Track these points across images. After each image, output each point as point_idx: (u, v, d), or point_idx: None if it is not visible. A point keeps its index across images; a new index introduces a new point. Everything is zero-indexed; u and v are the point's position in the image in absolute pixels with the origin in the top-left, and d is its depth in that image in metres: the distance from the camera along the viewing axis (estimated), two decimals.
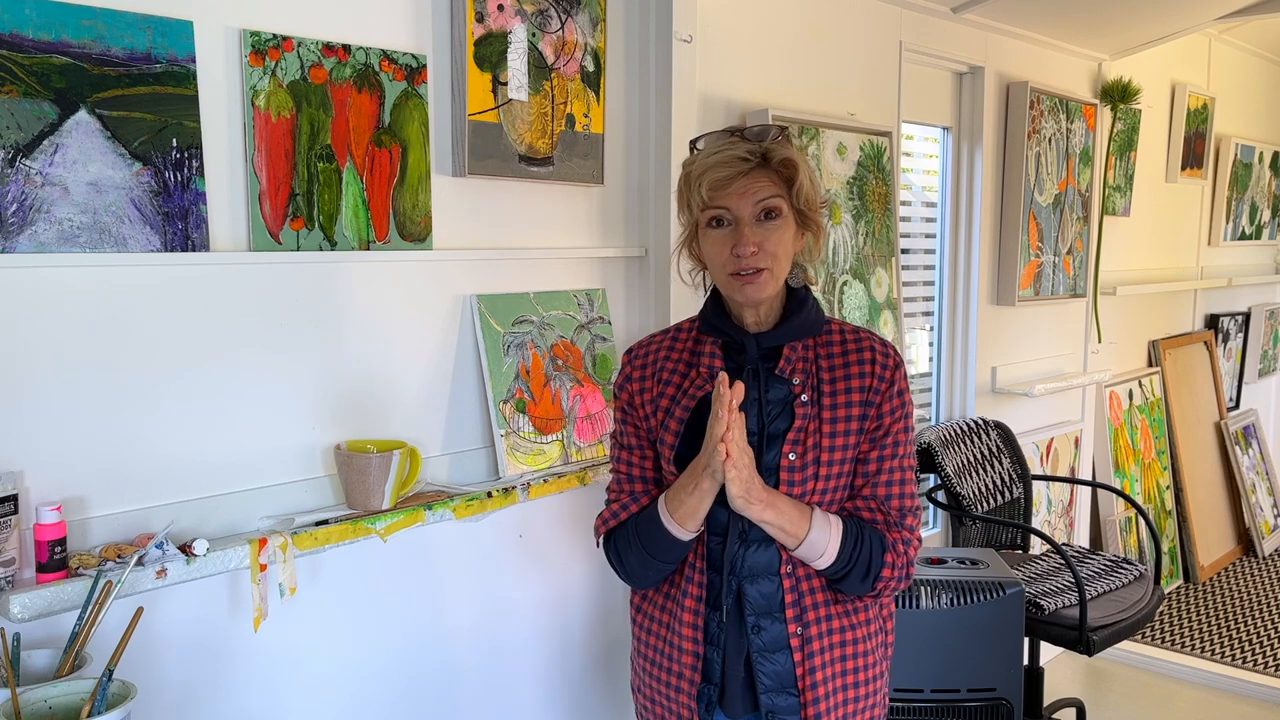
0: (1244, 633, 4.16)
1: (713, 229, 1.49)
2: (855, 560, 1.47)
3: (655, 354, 1.61)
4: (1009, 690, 2.46)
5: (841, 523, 1.48)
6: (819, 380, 1.52)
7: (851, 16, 2.85)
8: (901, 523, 1.52)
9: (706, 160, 1.47)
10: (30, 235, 1.46)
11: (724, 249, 1.47)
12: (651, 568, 1.55)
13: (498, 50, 1.99)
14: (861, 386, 1.51)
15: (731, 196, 1.45)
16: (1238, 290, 5.36)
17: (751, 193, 1.46)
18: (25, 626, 1.48)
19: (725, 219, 1.47)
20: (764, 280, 1.47)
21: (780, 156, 1.47)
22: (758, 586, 1.51)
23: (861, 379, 1.51)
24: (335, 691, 1.89)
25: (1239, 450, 5.18)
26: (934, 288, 3.47)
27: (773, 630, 1.51)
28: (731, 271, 1.47)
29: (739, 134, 1.49)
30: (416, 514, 1.88)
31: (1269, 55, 5.38)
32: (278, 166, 1.71)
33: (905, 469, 1.53)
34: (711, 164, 1.45)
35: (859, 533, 1.48)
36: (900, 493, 1.53)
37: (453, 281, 2.02)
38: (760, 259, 1.46)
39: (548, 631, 2.24)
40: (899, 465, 1.53)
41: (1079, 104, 3.75)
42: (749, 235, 1.45)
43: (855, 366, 1.52)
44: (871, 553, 1.48)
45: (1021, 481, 3.42)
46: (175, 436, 1.65)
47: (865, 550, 1.47)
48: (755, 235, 1.45)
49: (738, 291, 1.48)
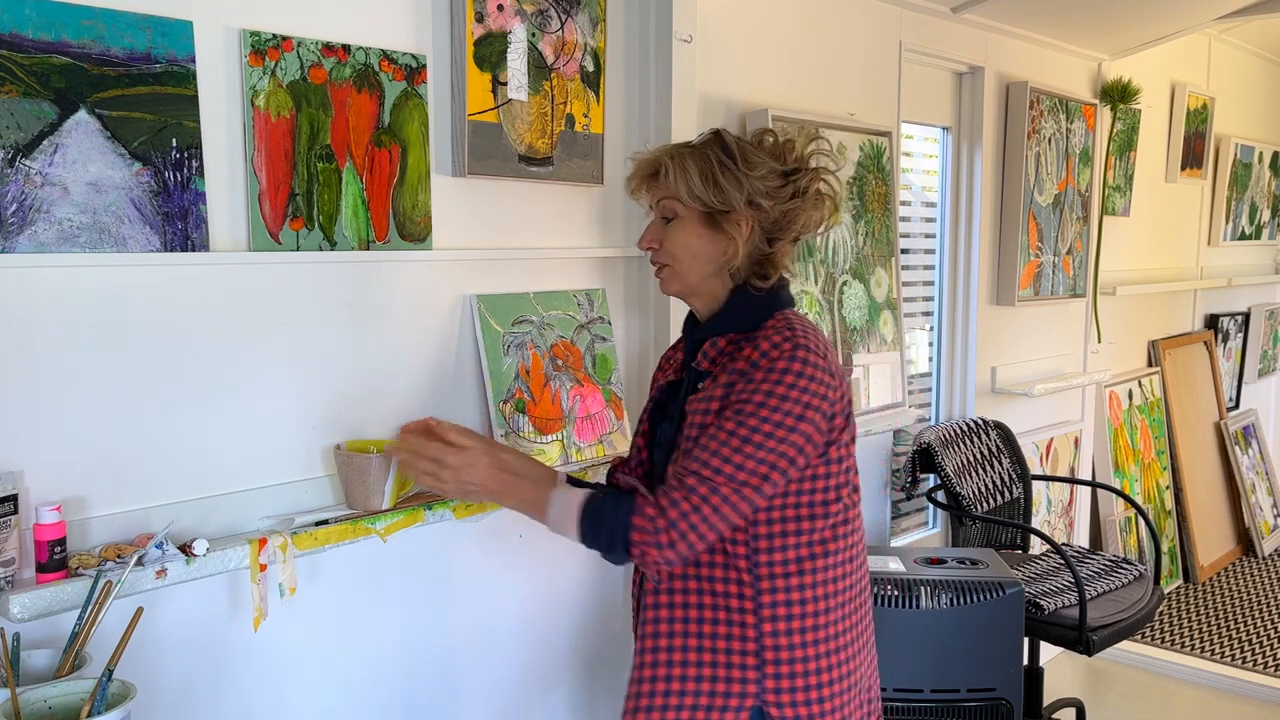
0: (1244, 633, 4.17)
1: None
2: (597, 534, 1.50)
3: (668, 351, 1.78)
4: (1009, 690, 2.46)
5: (584, 499, 1.51)
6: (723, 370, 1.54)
7: (851, 16, 2.85)
8: (682, 484, 1.45)
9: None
10: (30, 235, 1.46)
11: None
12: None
13: (498, 50, 1.99)
14: (732, 370, 1.51)
15: (645, 199, 1.63)
16: (1237, 290, 5.36)
17: (651, 193, 1.61)
18: (25, 626, 1.48)
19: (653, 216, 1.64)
20: (667, 276, 1.60)
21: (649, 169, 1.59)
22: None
23: (735, 363, 1.51)
24: (335, 691, 1.89)
25: (1239, 450, 5.18)
26: (934, 288, 3.47)
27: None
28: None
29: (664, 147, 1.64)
30: (416, 514, 1.88)
31: (1269, 55, 5.38)
32: (277, 166, 1.71)
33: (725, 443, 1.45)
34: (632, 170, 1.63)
35: (599, 507, 1.50)
36: (701, 458, 1.45)
37: (453, 281, 2.02)
38: (660, 256, 1.60)
39: (548, 631, 2.24)
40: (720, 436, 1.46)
41: (1079, 104, 3.75)
42: (647, 233, 1.61)
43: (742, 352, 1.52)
44: (615, 524, 1.47)
45: (1021, 481, 3.42)
46: (175, 436, 1.65)
47: (606, 524, 1.48)
48: (653, 233, 1.60)
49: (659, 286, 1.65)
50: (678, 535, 1.44)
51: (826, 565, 1.54)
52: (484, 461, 1.56)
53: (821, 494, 1.53)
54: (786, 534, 1.52)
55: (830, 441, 1.52)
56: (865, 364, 2.83)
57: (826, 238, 2.71)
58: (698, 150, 1.55)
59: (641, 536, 1.45)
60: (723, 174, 1.52)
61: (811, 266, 2.66)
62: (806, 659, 1.53)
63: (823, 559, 1.53)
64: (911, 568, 2.54)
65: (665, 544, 1.44)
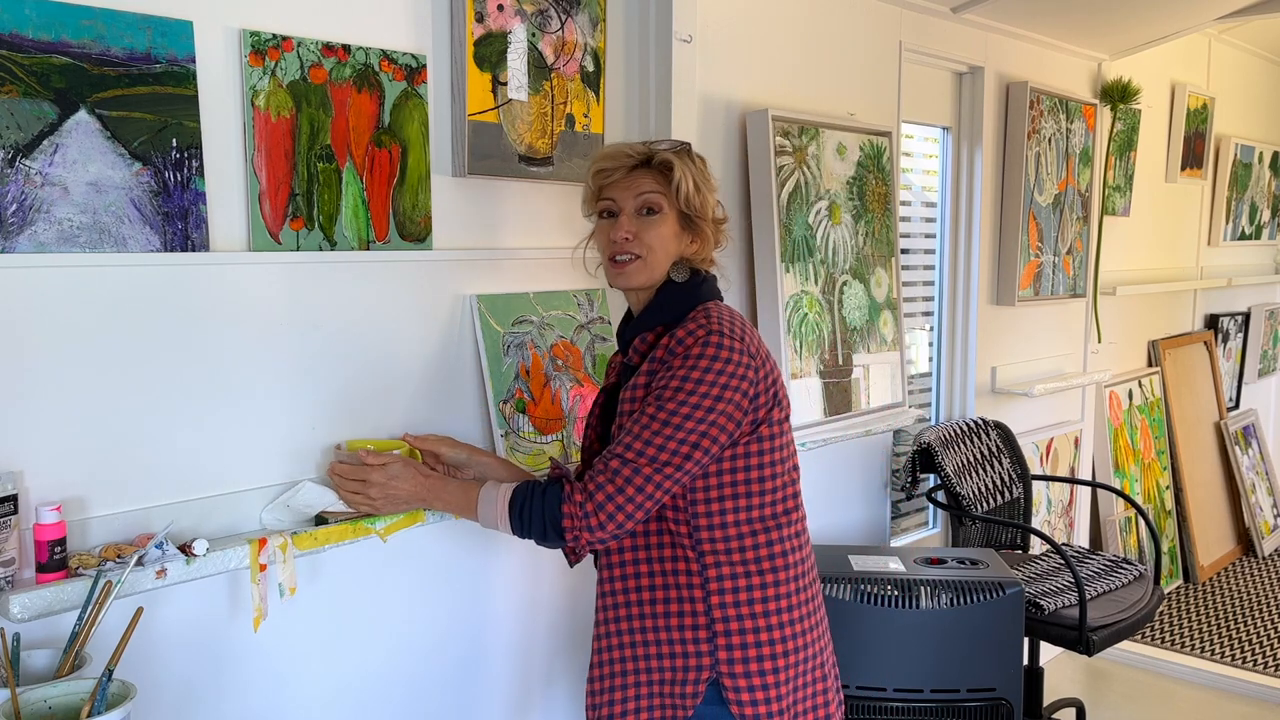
0: (1244, 633, 4.17)
1: (602, 220, 1.69)
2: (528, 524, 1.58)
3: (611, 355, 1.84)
4: (1009, 690, 2.46)
5: (511, 493, 1.60)
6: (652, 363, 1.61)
7: (851, 16, 2.85)
8: (606, 468, 1.53)
9: (597, 156, 1.69)
10: (30, 235, 1.46)
11: (604, 237, 1.67)
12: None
13: (498, 50, 1.99)
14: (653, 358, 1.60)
15: (617, 189, 1.65)
16: (1237, 290, 5.36)
17: (634, 187, 1.64)
18: (25, 626, 1.48)
19: (613, 210, 1.66)
20: (635, 268, 1.63)
21: (661, 158, 1.64)
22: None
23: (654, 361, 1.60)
24: (335, 691, 1.89)
25: (1239, 450, 5.18)
26: (934, 288, 3.47)
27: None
28: (609, 256, 1.65)
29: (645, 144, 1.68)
30: (416, 514, 1.87)
31: (1269, 55, 5.38)
32: (277, 166, 1.71)
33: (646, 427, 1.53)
34: (600, 158, 1.67)
35: (527, 498, 1.58)
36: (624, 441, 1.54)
37: (453, 281, 2.02)
38: (634, 246, 1.63)
39: (548, 630, 2.24)
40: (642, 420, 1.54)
41: (1079, 104, 3.75)
42: (625, 223, 1.63)
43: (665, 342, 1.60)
44: (544, 513, 1.56)
45: (1021, 481, 3.42)
46: (175, 436, 1.65)
47: (536, 513, 1.57)
48: (632, 224, 1.63)
49: (613, 278, 1.67)
50: (605, 517, 1.53)
51: (770, 540, 1.61)
52: (408, 472, 1.67)
53: (757, 470, 1.60)
54: (725, 510, 1.59)
55: (758, 421, 1.59)
56: (865, 364, 2.83)
57: (826, 238, 2.71)
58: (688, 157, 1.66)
59: (571, 522, 1.54)
60: (704, 185, 1.67)
61: (811, 266, 2.66)
62: (757, 629, 1.60)
63: (764, 534, 1.61)
64: (911, 568, 2.54)
65: (595, 526, 1.53)
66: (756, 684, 1.59)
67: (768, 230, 2.53)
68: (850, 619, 2.37)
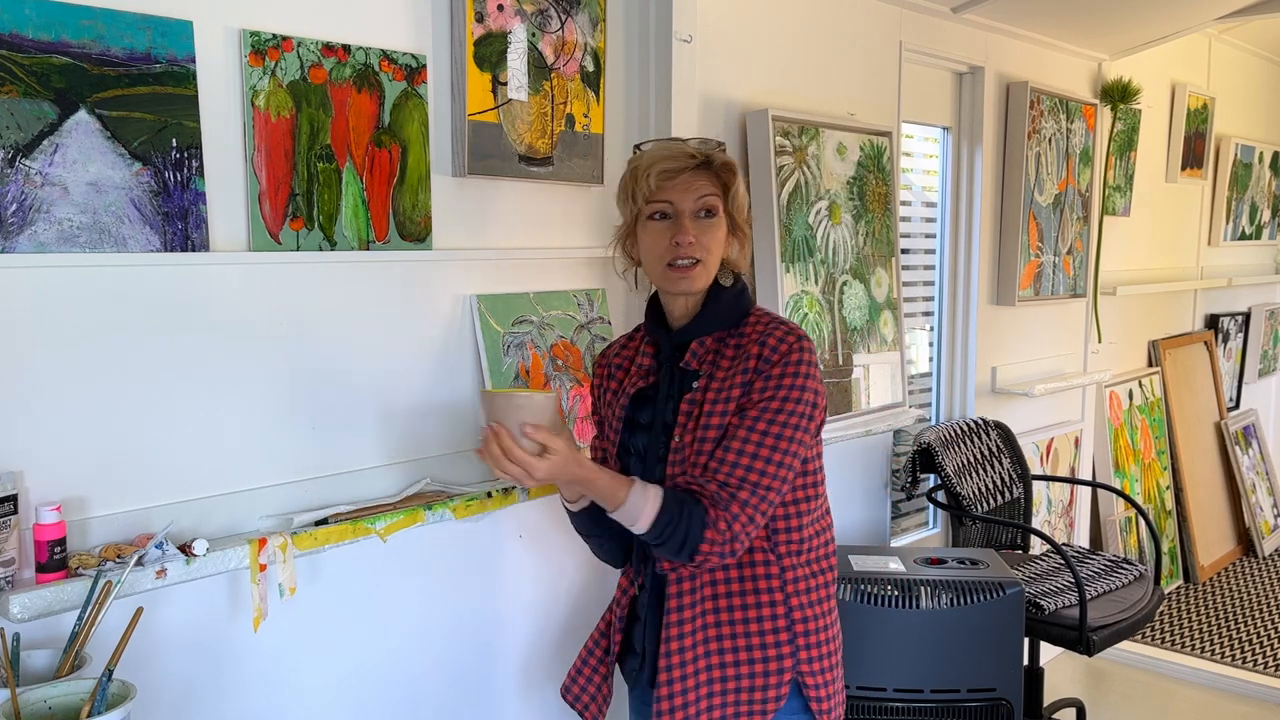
0: (1244, 633, 4.16)
1: (654, 221, 1.59)
2: (670, 534, 1.51)
3: (613, 356, 1.78)
4: (1009, 690, 2.46)
5: (663, 497, 1.52)
6: (717, 370, 1.60)
7: (851, 16, 2.85)
8: (726, 502, 1.51)
9: (655, 154, 1.59)
10: (30, 235, 1.46)
11: (663, 240, 1.58)
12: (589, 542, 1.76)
13: (498, 50, 1.99)
14: (744, 369, 1.57)
15: (676, 190, 1.57)
16: (1238, 290, 5.36)
17: (694, 189, 1.58)
18: (25, 626, 1.48)
19: (667, 212, 1.58)
20: (698, 272, 1.58)
21: (722, 160, 1.60)
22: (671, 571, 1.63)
23: (746, 360, 1.58)
24: (335, 691, 1.89)
25: (1239, 450, 5.18)
26: (934, 288, 3.47)
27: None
28: (668, 262, 1.58)
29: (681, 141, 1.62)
30: (416, 514, 1.88)
31: (1269, 55, 5.38)
32: (278, 166, 1.71)
33: (761, 446, 1.53)
34: (660, 157, 1.58)
35: (679, 509, 1.51)
36: (743, 465, 1.53)
37: (453, 281, 2.02)
38: (696, 250, 1.57)
39: (547, 632, 2.24)
40: (753, 439, 1.53)
41: (1079, 104, 3.75)
42: (689, 226, 1.57)
43: (743, 350, 1.59)
44: (689, 530, 1.51)
45: (1021, 481, 3.42)
46: (175, 436, 1.65)
47: (683, 527, 1.51)
48: (695, 228, 1.57)
49: (673, 283, 1.60)
50: (739, 545, 1.54)
51: (825, 540, 1.67)
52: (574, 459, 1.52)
53: (813, 474, 1.63)
54: (800, 512, 1.62)
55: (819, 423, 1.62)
56: (865, 364, 2.83)
57: (827, 238, 2.71)
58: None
59: (710, 548, 1.52)
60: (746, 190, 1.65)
61: (811, 266, 2.66)
62: (824, 628, 1.63)
63: (822, 534, 1.66)
64: (911, 568, 2.54)
65: (727, 554, 1.53)
66: (830, 679, 1.63)
67: (768, 230, 2.53)
68: (850, 619, 2.37)
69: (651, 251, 1.60)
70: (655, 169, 1.56)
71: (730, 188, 1.59)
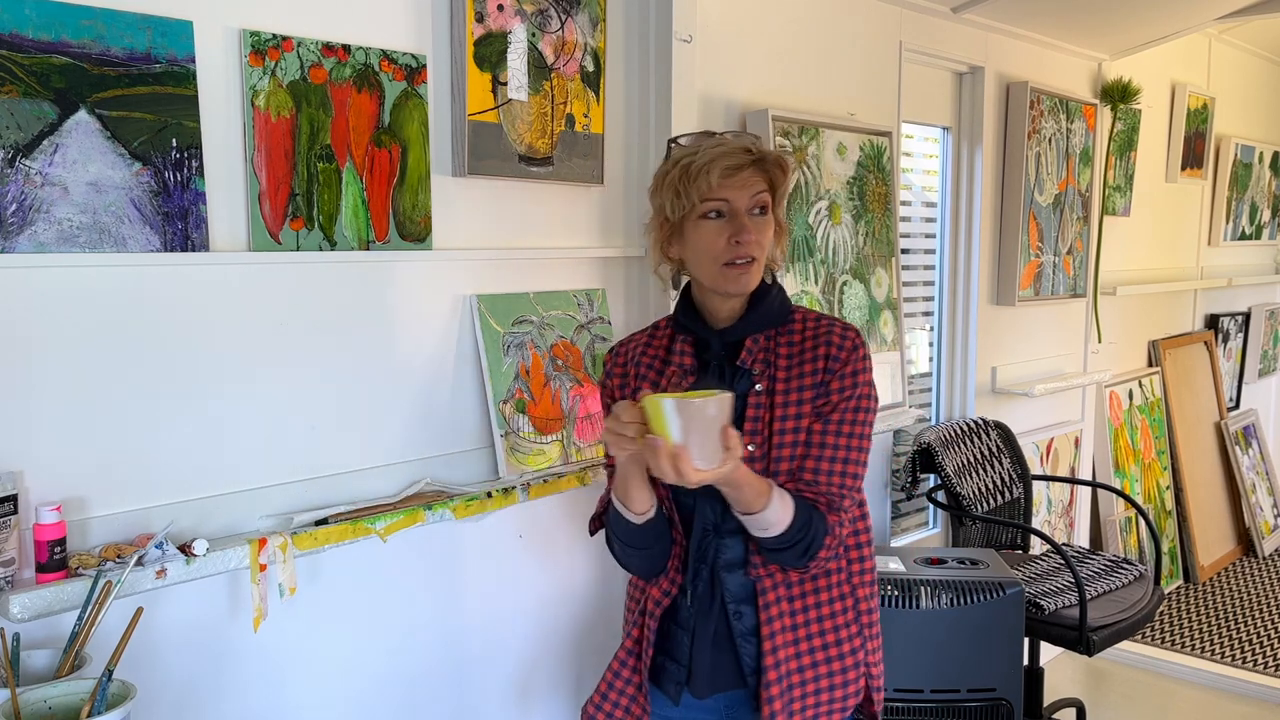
0: (1244, 633, 4.16)
1: (709, 220, 1.52)
2: (798, 540, 1.49)
3: (633, 351, 1.67)
4: (1009, 690, 2.46)
5: (794, 502, 1.49)
6: (775, 370, 1.57)
7: (851, 16, 2.85)
8: (840, 506, 1.53)
9: (713, 151, 1.50)
10: (30, 235, 1.46)
11: (719, 239, 1.52)
12: (631, 555, 1.61)
13: (498, 50, 1.99)
14: (814, 370, 1.55)
15: (733, 187, 1.51)
16: (1238, 290, 5.36)
17: (750, 186, 1.52)
18: (25, 626, 1.48)
19: (723, 210, 1.52)
20: (754, 271, 1.54)
21: (775, 157, 1.55)
22: (734, 575, 1.58)
23: (815, 363, 1.56)
24: (335, 691, 1.89)
25: (1239, 450, 5.18)
26: (934, 288, 3.47)
27: (750, 616, 1.58)
28: (726, 261, 1.52)
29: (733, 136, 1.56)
30: (416, 514, 1.88)
31: (1269, 55, 5.38)
32: (277, 166, 1.71)
33: (850, 449, 1.54)
34: (719, 154, 1.50)
35: (808, 516, 1.50)
36: (841, 470, 1.53)
37: (453, 281, 2.02)
38: (753, 248, 1.52)
39: (547, 631, 2.24)
40: (843, 444, 1.54)
41: (1079, 104, 3.75)
42: (749, 224, 1.51)
43: (810, 352, 1.57)
44: (815, 536, 1.51)
45: (1021, 481, 3.42)
46: (175, 436, 1.65)
47: (810, 534, 1.50)
48: (757, 227, 1.52)
49: (730, 282, 1.53)
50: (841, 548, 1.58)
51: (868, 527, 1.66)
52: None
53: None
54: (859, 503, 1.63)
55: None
56: None
57: (827, 238, 2.71)
58: None
59: (825, 554, 1.53)
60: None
61: (811, 266, 2.66)
62: (878, 620, 1.67)
63: (869, 526, 1.66)
64: (911, 568, 2.54)
65: (833, 557, 1.57)
66: (883, 668, 1.67)
67: None
68: None
69: (707, 251, 1.53)
70: (717, 166, 1.49)
71: (779, 186, 1.55)
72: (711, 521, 1.57)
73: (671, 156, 1.56)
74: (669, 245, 1.59)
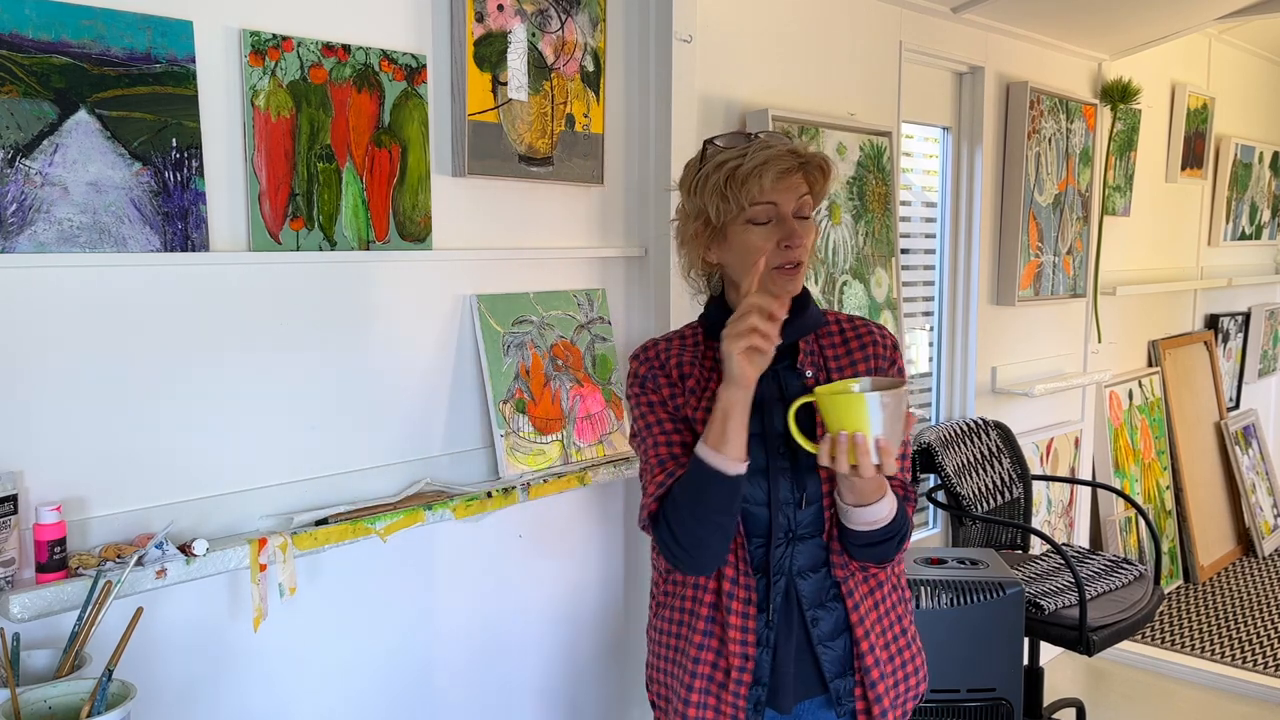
0: (1244, 633, 4.16)
1: (756, 225, 1.48)
2: (900, 529, 1.51)
3: (664, 352, 1.60)
4: (1009, 690, 2.46)
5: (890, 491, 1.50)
6: (828, 371, 1.58)
7: (851, 16, 2.85)
8: (913, 492, 1.59)
9: (764, 154, 1.46)
10: (30, 235, 1.46)
11: (768, 244, 1.47)
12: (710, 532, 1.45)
13: (498, 50, 1.99)
14: (868, 370, 1.57)
15: (782, 191, 1.47)
16: (1238, 290, 5.36)
17: (796, 189, 1.49)
18: (25, 626, 1.48)
19: (770, 215, 1.48)
20: (801, 275, 1.52)
21: (819, 160, 1.51)
22: (808, 581, 1.55)
23: (867, 362, 1.58)
24: (335, 691, 1.89)
25: (1239, 450, 5.18)
26: (934, 288, 3.47)
27: (829, 619, 1.56)
28: (776, 265, 1.48)
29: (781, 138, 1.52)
30: (416, 514, 1.88)
31: (1269, 55, 5.38)
32: (277, 166, 1.71)
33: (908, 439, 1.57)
34: (767, 158, 1.45)
35: (901, 505, 1.52)
36: (905, 456, 1.56)
37: (453, 281, 2.02)
38: (801, 254, 1.50)
39: (547, 631, 2.24)
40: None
41: (1079, 104, 3.75)
42: (797, 228, 1.48)
43: (859, 352, 1.58)
44: (906, 523, 1.54)
45: (1021, 481, 3.42)
46: (175, 436, 1.65)
47: (904, 520, 1.52)
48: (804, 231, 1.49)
49: (780, 287, 1.50)
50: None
51: None
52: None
53: None
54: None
55: None
56: None
57: (827, 238, 2.71)
58: None
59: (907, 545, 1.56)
60: None
61: (812, 267, 2.65)
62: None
63: None
64: (911, 568, 2.54)
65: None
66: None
67: None
68: None
69: (755, 255, 1.47)
70: (770, 169, 1.44)
71: (817, 189, 1.52)
72: (785, 529, 1.52)
73: (711, 158, 1.49)
74: (708, 249, 1.53)
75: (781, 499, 1.50)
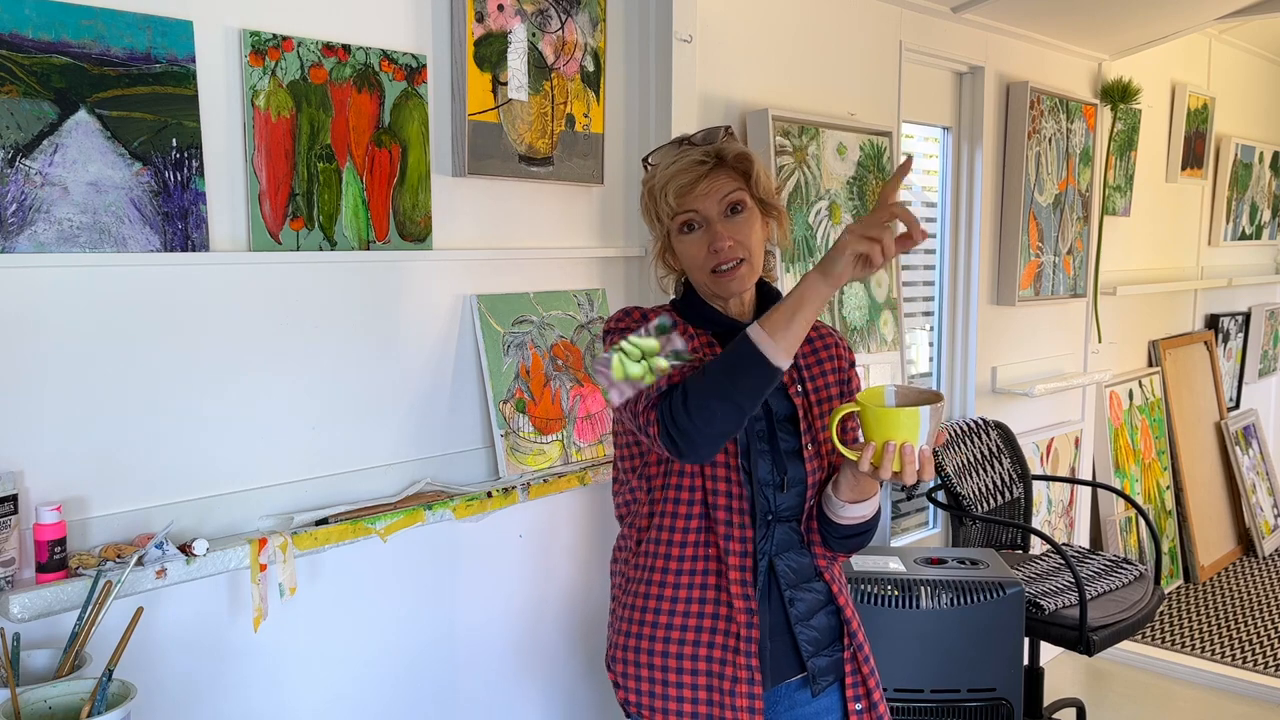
0: (1244, 633, 4.16)
1: (686, 234, 1.54)
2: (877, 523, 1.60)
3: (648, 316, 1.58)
4: (1009, 690, 2.46)
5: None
6: (798, 369, 1.62)
7: (851, 16, 2.85)
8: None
9: (667, 171, 1.53)
10: (30, 235, 1.46)
11: (700, 250, 1.53)
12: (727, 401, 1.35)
13: (498, 50, 1.99)
14: (835, 369, 1.65)
15: (698, 199, 1.51)
16: (1238, 290, 5.36)
17: (715, 191, 1.52)
18: (25, 626, 1.48)
19: (696, 222, 1.53)
20: (744, 272, 1.53)
21: (734, 152, 1.54)
22: (786, 561, 1.59)
23: (832, 361, 1.65)
24: (335, 691, 1.89)
25: (1239, 450, 5.18)
26: (934, 288, 3.47)
27: (807, 599, 1.61)
28: (711, 269, 1.53)
29: (688, 141, 1.56)
30: (416, 514, 1.88)
31: (1269, 55, 5.38)
32: (278, 166, 1.71)
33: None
34: (672, 173, 1.52)
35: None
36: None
37: (453, 281, 2.02)
38: (737, 250, 1.52)
39: (547, 631, 2.24)
40: None
41: (1079, 104, 3.75)
42: (723, 231, 1.51)
43: (825, 352, 1.66)
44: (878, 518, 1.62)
45: (1021, 481, 3.42)
46: (175, 436, 1.65)
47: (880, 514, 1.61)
48: (728, 230, 1.52)
49: (723, 287, 1.55)
50: None
51: None
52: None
53: None
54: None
55: None
56: (865, 364, 2.83)
57: (827, 237, 2.71)
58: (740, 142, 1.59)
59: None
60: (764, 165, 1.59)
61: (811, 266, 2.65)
62: None
63: None
64: (911, 568, 2.54)
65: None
66: None
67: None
68: None
69: (694, 262, 1.54)
70: (671, 186, 1.51)
71: (750, 175, 1.53)
72: (766, 510, 1.56)
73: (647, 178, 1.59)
74: (670, 257, 1.62)
75: (761, 479, 1.55)
